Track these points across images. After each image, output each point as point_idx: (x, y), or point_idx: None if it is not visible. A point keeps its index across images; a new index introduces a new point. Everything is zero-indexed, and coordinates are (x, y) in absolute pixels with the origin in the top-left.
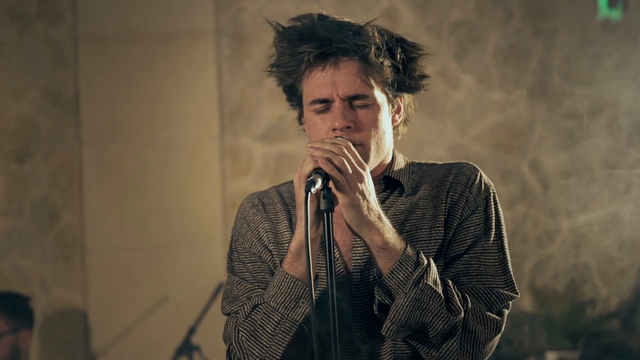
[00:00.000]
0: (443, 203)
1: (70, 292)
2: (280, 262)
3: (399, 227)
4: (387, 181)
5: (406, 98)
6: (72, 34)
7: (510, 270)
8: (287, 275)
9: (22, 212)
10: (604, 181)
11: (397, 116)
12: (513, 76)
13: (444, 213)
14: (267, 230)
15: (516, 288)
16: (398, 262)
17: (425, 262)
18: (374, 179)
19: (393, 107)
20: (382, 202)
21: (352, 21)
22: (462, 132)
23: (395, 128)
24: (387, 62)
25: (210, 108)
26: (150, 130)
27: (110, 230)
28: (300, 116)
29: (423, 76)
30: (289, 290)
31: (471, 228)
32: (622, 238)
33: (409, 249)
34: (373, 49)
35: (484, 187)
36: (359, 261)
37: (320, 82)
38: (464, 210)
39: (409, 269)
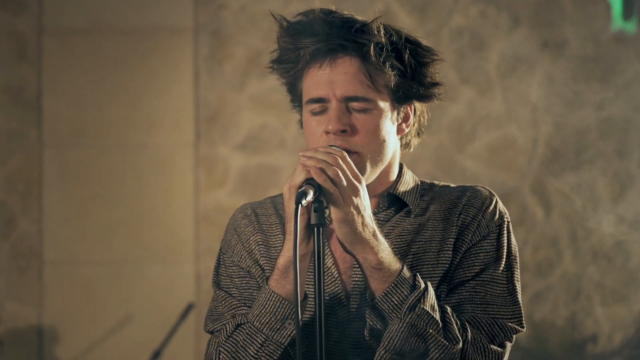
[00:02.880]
0: (454, 225)
1: (24, 308)
2: (267, 279)
3: (405, 248)
4: (392, 199)
5: (418, 107)
6: (36, 26)
7: (520, 302)
8: (273, 294)
9: None
10: (611, 207)
11: (404, 125)
12: (517, 89)
13: (453, 236)
14: (259, 243)
15: (523, 322)
16: (393, 284)
17: (423, 285)
18: (376, 196)
19: (399, 114)
20: (387, 220)
21: (361, 18)
22: (458, 149)
23: (403, 139)
24: (390, 64)
25: (186, 113)
26: (118, 134)
27: (71, 242)
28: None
29: (435, 84)
30: (274, 310)
31: (480, 254)
32: (629, 269)
33: (405, 270)
34: (373, 47)
35: (499, 214)
36: (359, 282)
37: (316, 80)
38: (474, 235)
39: (405, 292)
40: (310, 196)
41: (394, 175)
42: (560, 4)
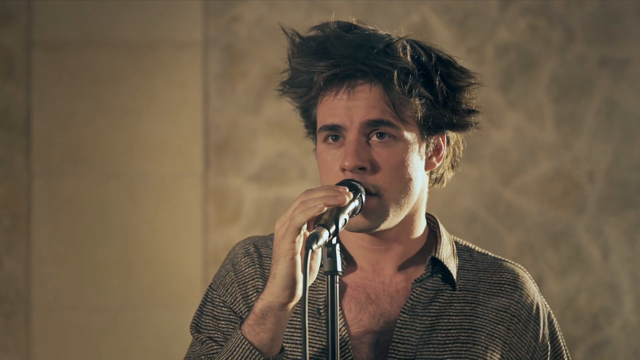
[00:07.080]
0: (500, 324)
1: (9, 359)
2: (241, 323)
3: (455, 332)
4: (434, 264)
5: (452, 136)
6: (25, 39)
7: None
8: (244, 340)
9: None
10: None
11: (434, 159)
12: (571, 114)
13: (502, 340)
14: (259, 289)
15: None
16: None
17: None
18: (415, 255)
19: (428, 147)
20: (437, 290)
21: (386, 34)
22: (504, 182)
23: (434, 173)
24: (418, 92)
25: (193, 138)
26: (116, 161)
27: (62, 285)
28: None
29: (470, 111)
30: (242, 358)
31: None
32: None
33: None
34: (397, 73)
35: (547, 310)
36: (399, 346)
37: (332, 107)
38: (531, 347)
39: None
40: (323, 240)
41: (420, 222)
42: (621, 17)
